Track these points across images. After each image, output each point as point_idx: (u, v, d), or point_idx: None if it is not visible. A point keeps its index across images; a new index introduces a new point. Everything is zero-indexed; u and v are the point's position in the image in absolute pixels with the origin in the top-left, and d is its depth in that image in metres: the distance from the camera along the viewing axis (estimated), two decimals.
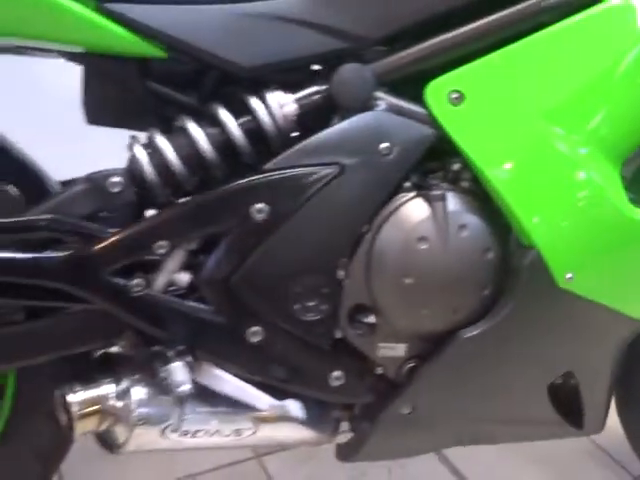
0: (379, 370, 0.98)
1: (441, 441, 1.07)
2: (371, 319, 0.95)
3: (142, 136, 0.96)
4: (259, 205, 0.88)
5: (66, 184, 0.95)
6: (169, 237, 0.87)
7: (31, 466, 1.06)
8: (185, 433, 0.93)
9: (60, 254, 0.85)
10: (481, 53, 0.92)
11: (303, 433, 1.01)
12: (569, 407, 1.09)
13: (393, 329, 0.95)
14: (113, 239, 0.85)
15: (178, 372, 0.87)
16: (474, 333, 0.95)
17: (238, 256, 0.89)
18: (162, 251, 0.87)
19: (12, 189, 0.91)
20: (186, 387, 0.88)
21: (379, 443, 1.02)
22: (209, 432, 0.95)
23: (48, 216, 0.85)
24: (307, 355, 0.94)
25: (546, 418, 1.09)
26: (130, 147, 0.91)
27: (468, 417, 1.03)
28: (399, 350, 0.97)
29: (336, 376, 0.96)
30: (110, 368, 0.94)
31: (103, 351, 0.96)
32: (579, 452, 1.47)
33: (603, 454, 1.47)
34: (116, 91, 0.96)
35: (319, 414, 1.01)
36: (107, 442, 0.95)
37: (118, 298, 0.87)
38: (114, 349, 0.95)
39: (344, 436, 1.03)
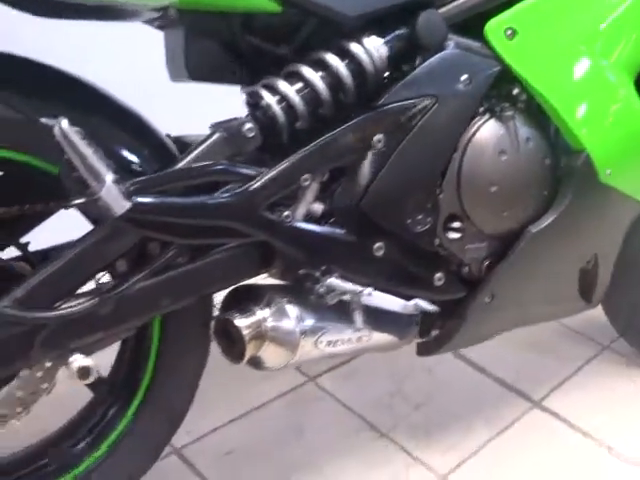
0: (466, 269, 1.16)
1: (506, 325, 1.28)
2: (461, 226, 1.13)
3: (238, 89, 1.08)
4: (378, 136, 1.02)
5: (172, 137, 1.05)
6: (311, 170, 0.99)
7: (163, 426, 1.15)
8: (329, 343, 1.06)
9: (225, 195, 0.94)
10: None
11: (400, 335, 1.18)
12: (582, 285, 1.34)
13: (478, 232, 1.14)
14: (269, 177, 0.96)
15: (332, 287, 1.01)
16: (539, 228, 1.16)
17: (364, 182, 1.03)
18: (306, 184, 0.99)
19: None
20: (333, 300, 1.02)
21: (463, 333, 1.21)
22: (343, 341, 1.09)
23: (219, 162, 0.94)
24: (418, 262, 1.11)
25: (571, 296, 1.33)
26: (252, 97, 1.01)
27: (529, 300, 1.25)
28: (482, 250, 1.16)
29: (438, 277, 1.13)
30: (251, 298, 1.05)
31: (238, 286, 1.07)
32: (557, 334, 1.75)
33: (575, 333, 1.76)
34: (218, 47, 1.05)
35: (408, 318, 1.19)
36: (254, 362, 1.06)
37: (274, 229, 0.98)
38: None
39: (432, 333, 1.21)
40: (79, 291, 0.93)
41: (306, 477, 1.30)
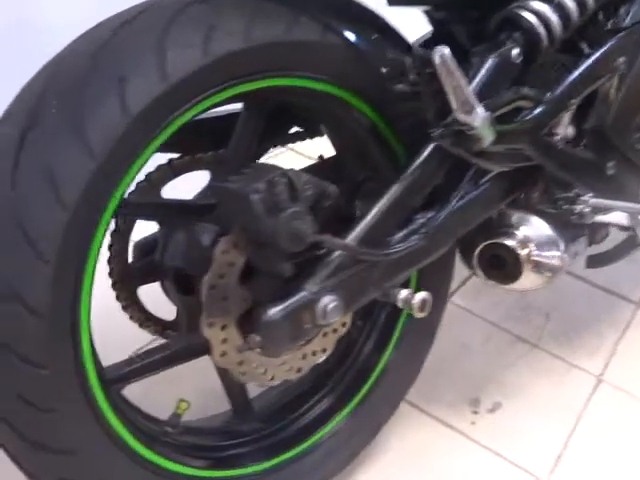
0: None
1: None
2: None
3: None
4: (622, 58, 1.07)
5: None
6: (575, 96, 1.02)
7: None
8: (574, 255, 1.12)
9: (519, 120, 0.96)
10: None
11: None
12: None
13: None
14: (554, 100, 0.99)
15: (598, 206, 1.06)
16: None
17: (609, 104, 1.08)
18: (572, 108, 1.02)
19: None
20: (591, 220, 1.07)
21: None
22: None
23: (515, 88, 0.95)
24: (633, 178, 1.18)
25: None
26: (511, 19, 1.02)
27: None
28: None
29: None
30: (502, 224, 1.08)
31: None
32: None
33: None
34: None
35: None
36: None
37: (549, 152, 1.02)
38: None
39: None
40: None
41: (483, 390, 1.37)
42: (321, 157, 1.12)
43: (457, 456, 1.25)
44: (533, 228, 1.08)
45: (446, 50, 0.80)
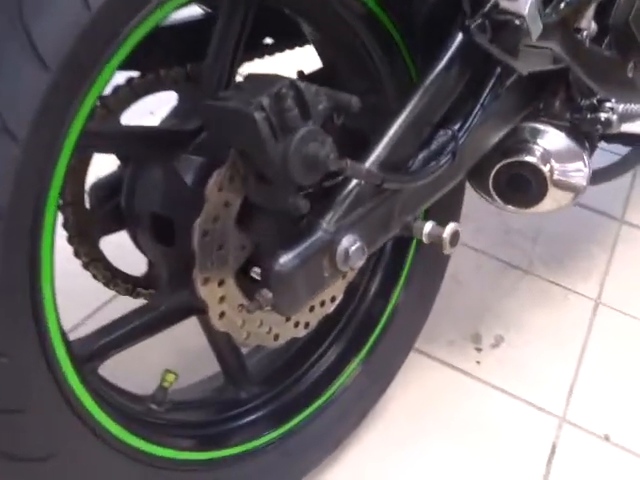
0: None
1: None
2: None
3: None
4: None
5: None
6: None
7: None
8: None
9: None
10: None
11: None
12: None
13: None
14: None
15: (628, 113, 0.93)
16: None
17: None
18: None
19: None
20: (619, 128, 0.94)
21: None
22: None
23: None
24: None
25: None
26: None
27: None
28: None
29: None
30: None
31: None
32: None
33: None
34: None
35: None
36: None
37: (577, 50, 0.87)
38: None
39: None
40: None
41: (483, 324, 1.26)
42: (301, 73, 0.94)
43: (466, 400, 1.12)
44: (553, 141, 0.94)
45: None
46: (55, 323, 0.62)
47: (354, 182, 0.70)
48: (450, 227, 0.75)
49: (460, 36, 0.73)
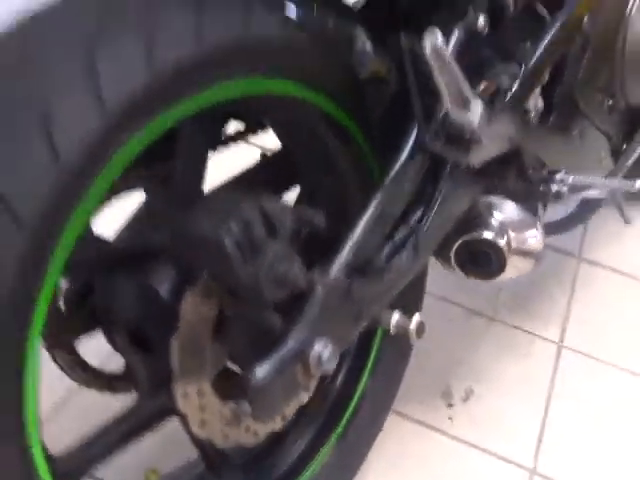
0: None
1: None
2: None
3: None
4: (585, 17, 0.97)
5: None
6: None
7: None
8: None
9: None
10: None
11: None
12: None
13: None
14: (530, 74, 0.88)
15: (576, 184, 0.97)
16: None
17: (576, 68, 0.98)
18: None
19: None
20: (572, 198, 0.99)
21: None
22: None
23: None
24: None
25: None
26: None
27: None
28: None
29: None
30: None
31: None
32: None
33: None
34: None
35: None
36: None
37: (529, 131, 0.92)
38: None
39: None
40: None
41: (453, 377, 1.30)
42: (264, 155, 0.97)
43: (440, 458, 1.16)
44: (508, 213, 0.98)
45: (438, 36, 0.66)
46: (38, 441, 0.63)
47: (321, 290, 0.73)
48: (415, 318, 0.79)
49: (414, 141, 0.77)
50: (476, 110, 0.70)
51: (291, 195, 0.97)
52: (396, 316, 0.80)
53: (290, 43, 0.69)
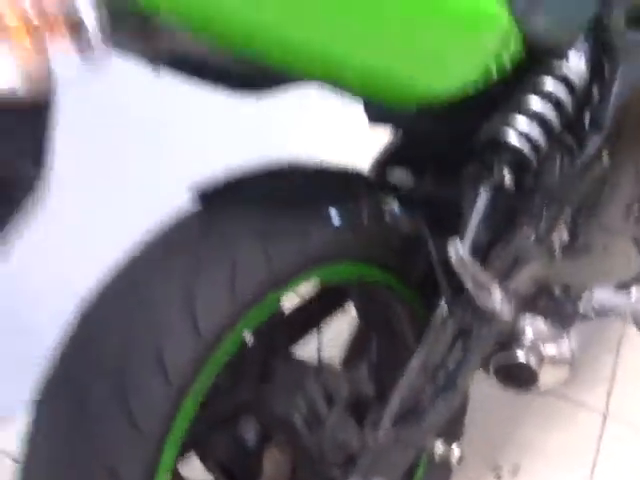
0: None
1: None
2: None
3: None
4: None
5: None
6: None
7: None
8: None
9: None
10: None
11: None
12: None
13: None
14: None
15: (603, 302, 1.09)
16: None
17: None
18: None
19: None
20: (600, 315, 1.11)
21: None
22: None
23: None
24: None
25: None
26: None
27: None
28: None
29: None
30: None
31: None
32: None
33: None
34: None
35: None
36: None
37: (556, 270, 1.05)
38: None
39: None
40: None
41: (500, 452, 1.42)
42: None
43: None
44: (536, 329, 1.11)
45: (460, 246, 0.80)
46: None
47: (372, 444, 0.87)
48: (456, 450, 0.93)
49: (445, 308, 0.91)
50: (497, 297, 0.83)
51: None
52: (440, 446, 0.94)
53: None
